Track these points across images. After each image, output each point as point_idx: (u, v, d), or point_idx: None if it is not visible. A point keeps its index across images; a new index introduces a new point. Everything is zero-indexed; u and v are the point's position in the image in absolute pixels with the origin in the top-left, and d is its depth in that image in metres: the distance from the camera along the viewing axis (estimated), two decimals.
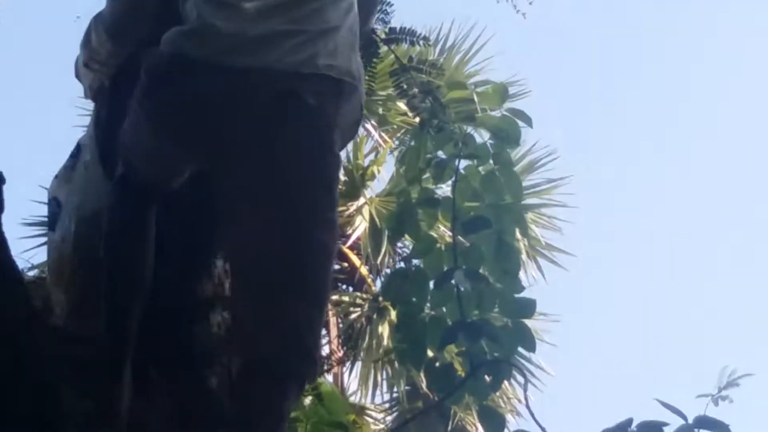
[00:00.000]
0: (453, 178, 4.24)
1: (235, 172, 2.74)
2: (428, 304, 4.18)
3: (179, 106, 2.77)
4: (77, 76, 3.30)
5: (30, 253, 8.39)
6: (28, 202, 8.99)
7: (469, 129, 4.34)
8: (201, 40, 2.76)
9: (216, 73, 2.73)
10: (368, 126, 8.77)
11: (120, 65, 3.15)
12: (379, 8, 3.74)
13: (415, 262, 4.45)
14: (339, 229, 3.03)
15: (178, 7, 2.91)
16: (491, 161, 4.24)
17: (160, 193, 2.96)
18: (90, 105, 3.47)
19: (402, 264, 8.71)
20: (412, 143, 4.47)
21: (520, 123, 4.27)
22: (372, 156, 8.94)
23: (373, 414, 8.93)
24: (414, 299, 4.19)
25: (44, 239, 7.30)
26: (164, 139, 2.85)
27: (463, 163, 4.23)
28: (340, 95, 2.78)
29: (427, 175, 4.36)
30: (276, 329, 2.66)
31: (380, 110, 8.61)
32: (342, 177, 8.17)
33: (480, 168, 4.26)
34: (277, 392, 2.67)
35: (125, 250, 2.92)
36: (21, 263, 3.19)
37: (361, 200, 8.71)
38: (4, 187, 2.85)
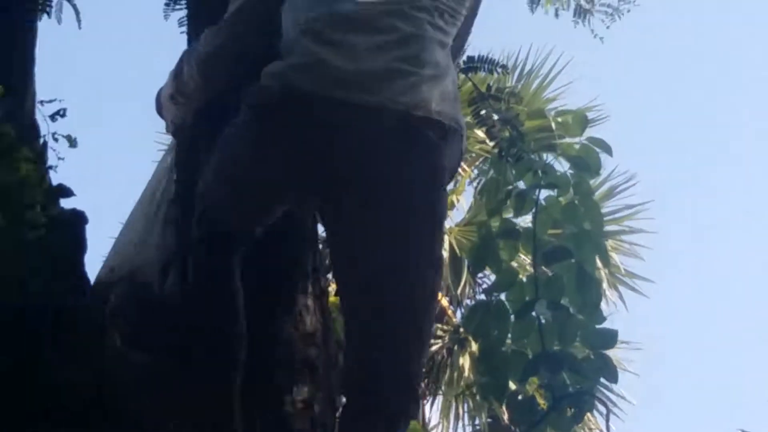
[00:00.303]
0: (533, 209, 4.24)
1: (348, 206, 2.76)
2: (509, 336, 4.16)
3: (290, 138, 2.78)
4: (158, 110, 3.29)
5: None
6: (109, 239, 9.05)
7: (549, 158, 4.32)
8: (312, 73, 2.76)
9: (330, 107, 2.74)
10: None
11: (206, 101, 3.16)
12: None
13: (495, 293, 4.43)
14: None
15: (269, 44, 2.93)
16: (571, 191, 4.23)
17: (246, 242, 2.94)
18: (170, 139, 3.48)
19: (483, 296, 8.67)
20: (492, 173, 4.47)
21: (600, 151, 4.26)
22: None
23: None
24: (495, 332, 4.17)
25: None
26: (268, 172, 2.85)
27: (543, 193, 4.24)
28: (446, 140, 2.79)
29: (507, 205, 4.35)
30: (391, 369, 2.72)
31: None
32: None
33: (560, 198, 4.25)
34: (388, 430, 2.73)
35: (220, 310, 2.90)
36: None
37: None
38: (87, 227, 2.89)
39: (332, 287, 3.30)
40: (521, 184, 4.28)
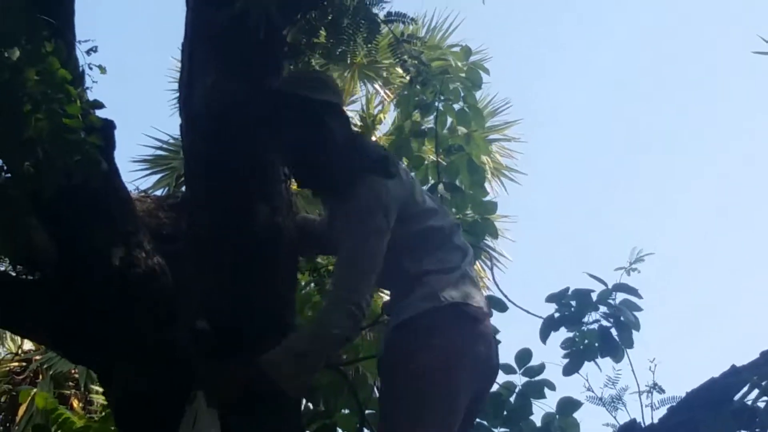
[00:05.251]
0: (434, 114, 5.19)
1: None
2: None
3: None
4: None
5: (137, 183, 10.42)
6: (135, 145, 10.84)
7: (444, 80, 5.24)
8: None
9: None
10: (376, 86, 10.35)
11: None
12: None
13: None
14: None
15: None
16: (462, 102, 5.23)
17: None
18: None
19: None
20: (405, 92, 5.42)
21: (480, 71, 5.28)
22: (380, 107, 10.48)
23: None
24: None
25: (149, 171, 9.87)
26: None
27: (441, 104, 5.21)
28: None
29: (415, 111, 5.32)
30: None
31: (384, 74, 10.15)
32: (359, 123, 9.67)
33: (454, 105, 5.21)
34: None
35: None
36: (130, 188, 3.98)
37: (373, 138, 9.79)
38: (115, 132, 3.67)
39: None
40: (425, 99, 5.24)
